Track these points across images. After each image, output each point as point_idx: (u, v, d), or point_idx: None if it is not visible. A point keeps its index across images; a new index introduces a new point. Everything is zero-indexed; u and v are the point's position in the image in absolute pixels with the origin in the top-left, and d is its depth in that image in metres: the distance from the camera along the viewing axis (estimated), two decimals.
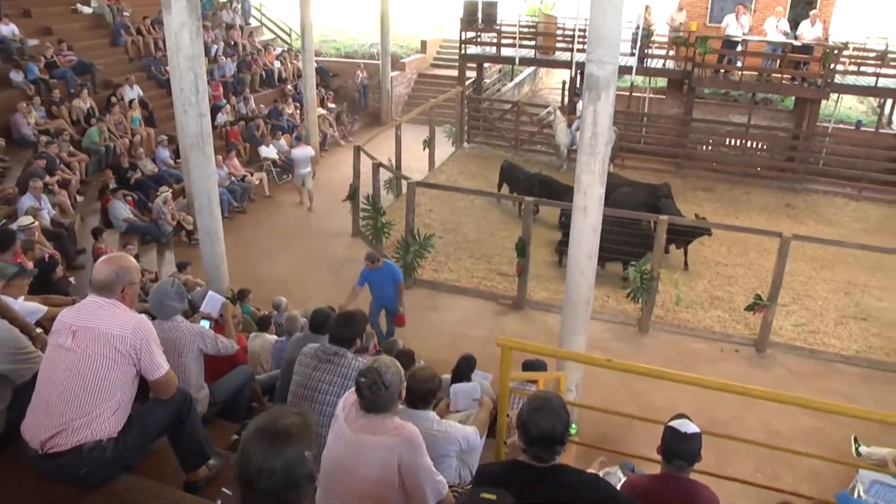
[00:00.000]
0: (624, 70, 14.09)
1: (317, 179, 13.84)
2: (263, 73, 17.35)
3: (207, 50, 14.62)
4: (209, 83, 10.75)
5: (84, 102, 12.07)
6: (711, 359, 8.29)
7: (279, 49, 19.53)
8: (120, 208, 10.22)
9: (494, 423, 3.99)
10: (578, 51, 14.86)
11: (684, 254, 10.46)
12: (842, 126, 16.74)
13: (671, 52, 15.92)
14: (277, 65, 17.98)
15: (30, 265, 5.60)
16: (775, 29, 14.36)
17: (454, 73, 18.12)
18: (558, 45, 16.72)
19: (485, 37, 17.10)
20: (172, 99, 11.79)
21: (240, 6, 19.65)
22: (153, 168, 12.03)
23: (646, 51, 15.35)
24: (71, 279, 7.49)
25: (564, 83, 17.72)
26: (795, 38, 14.22)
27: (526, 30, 16.85)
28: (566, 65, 16.13)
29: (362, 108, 19.36)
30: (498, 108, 16.94)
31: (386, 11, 17.48)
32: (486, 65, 18.84)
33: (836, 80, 14.03)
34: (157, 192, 10.96)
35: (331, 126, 16.99)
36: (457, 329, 8.74)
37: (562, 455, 2.47)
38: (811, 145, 14.80)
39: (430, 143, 14.69)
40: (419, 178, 12.08)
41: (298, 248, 11.25)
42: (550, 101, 19.15)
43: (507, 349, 3.54)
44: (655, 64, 15.85)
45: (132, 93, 13.12)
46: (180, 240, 11.04)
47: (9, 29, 12.17)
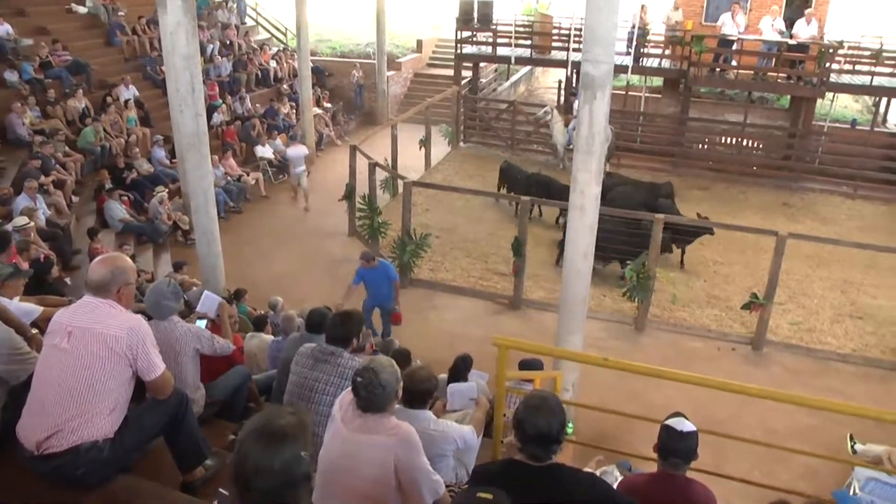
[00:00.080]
0: (620, 69, 14.07)
1: (313, 179, 13.83)
2: (259, 72, 17.33)
3: (203, 49, 14.60)
4: (205, 83, 10.71)
5: (79, 102, 12.03)
6: (708, 357, 8.30)
7: (275, 48, 19.51)
8: (116, 208, 10.20)
9: (491, 422, 3.99)
10: (574, 50, 14.87)
11: (681, 253, 10.48)
12: (837, 125, 16.79)
13: (667, 51, 15.92)
14: (273, 64, 17.97)
15: (25, 266, 5.60)
16: (771, 28, 14.38)
17: (450, 72, 18.13)
18: (554, 44, 16.69)
19: (481, 36, 17.09)
20: (168, 99, 11.71)
21: (235, 6, 19.61)
22: (149, 168, 11.99)
23: (642, 50, 15.36)
24: (66, 280, 7.49)
25: (560, 82, 17.76)
26: (791, 36, 14.23)
27: (522, 29, 16.89)
28: (562, 64, 16.13)
29: (358, 107, 19.34)
30: (494, 108, 16.94)
31: (382, 11, 17.46)
32: (482, 64, 18.84)
33: (831, 79, 14.06)
34: (154, 193, 10.96)
35: (327, 126, 16.98)
36: (453, 328, 8.74)
37: (558, 454, 2.47)
38: (807, 144, 14.85)
39: (426, 143, 14.69)
40: (415, 178, 12.07)
41: (295, 247, 11.23)
42: (546, 100, 19.15)
43: (503, 348, 3.55)
44: (651, 63, 15.87)
45: (128, 93, 13.10)
46: (176, 240, 11.03)
47: (3, 28, 12.11)
